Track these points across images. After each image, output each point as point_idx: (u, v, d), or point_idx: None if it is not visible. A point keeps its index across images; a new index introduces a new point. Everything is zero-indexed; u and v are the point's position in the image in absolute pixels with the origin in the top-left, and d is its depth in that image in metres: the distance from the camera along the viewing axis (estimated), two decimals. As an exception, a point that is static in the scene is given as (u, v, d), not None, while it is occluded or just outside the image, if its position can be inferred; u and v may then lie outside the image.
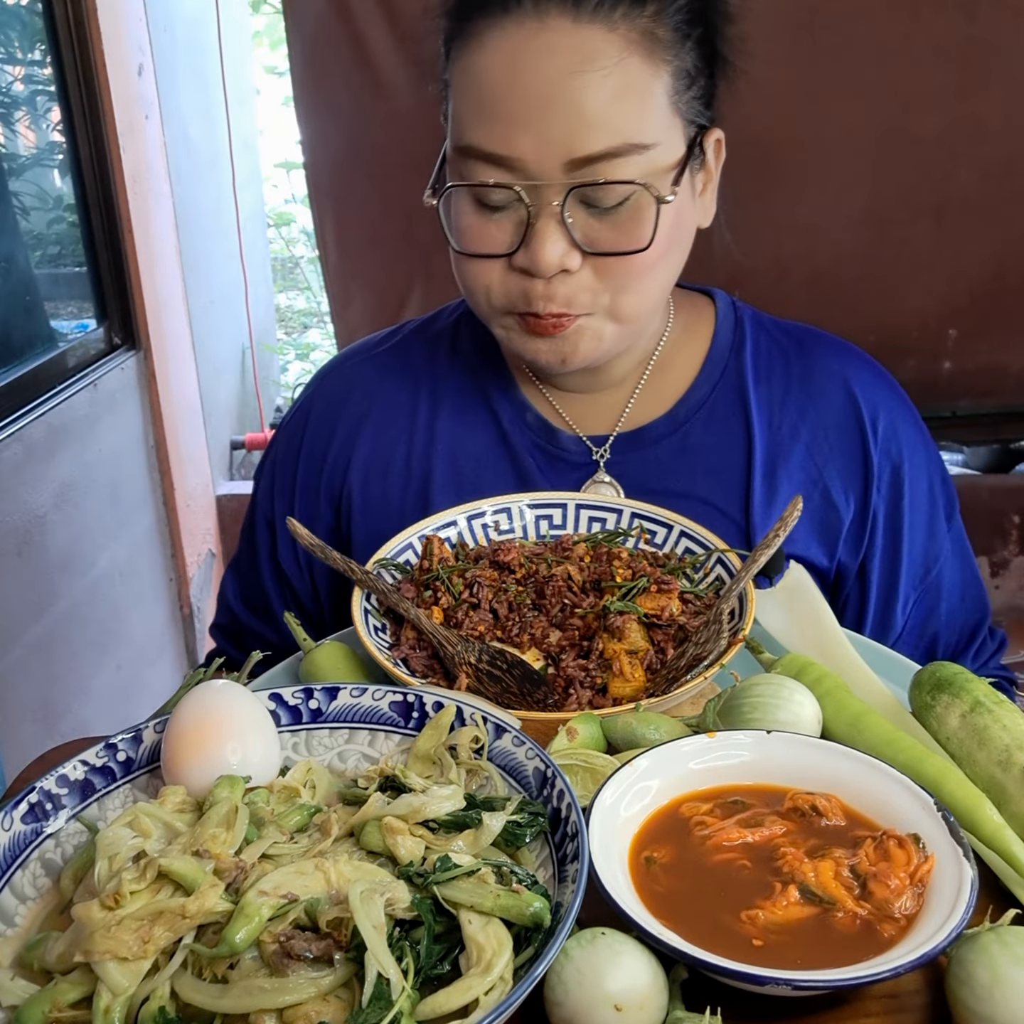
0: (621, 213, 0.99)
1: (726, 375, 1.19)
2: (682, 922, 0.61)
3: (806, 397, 1.18)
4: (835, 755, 0.73)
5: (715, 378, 1.19)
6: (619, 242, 1.00)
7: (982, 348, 2.42)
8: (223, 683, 0.77)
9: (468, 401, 1.21)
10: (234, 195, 3.57)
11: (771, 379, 1.19)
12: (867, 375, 1.20)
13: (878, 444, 1.17)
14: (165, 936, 0.58)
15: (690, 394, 1.18)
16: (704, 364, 1.19)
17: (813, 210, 2.25)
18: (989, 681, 0.81)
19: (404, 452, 1.20)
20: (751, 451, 1.16)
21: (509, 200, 0.99)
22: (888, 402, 1.19)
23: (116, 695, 2.80)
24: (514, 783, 0.72)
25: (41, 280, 2.81)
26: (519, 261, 1.01)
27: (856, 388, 1.18)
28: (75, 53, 2.66)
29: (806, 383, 1.19)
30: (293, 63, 2.33)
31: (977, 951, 0.58)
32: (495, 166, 0.98)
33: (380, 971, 0.55)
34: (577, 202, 0.98)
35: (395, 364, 1.25)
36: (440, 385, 1.22)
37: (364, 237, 2.44)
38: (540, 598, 0.99)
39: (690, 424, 1.17)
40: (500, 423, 1.20)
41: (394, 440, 1.21)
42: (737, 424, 1.17)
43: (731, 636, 0.92)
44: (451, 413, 1.21)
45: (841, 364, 1.20)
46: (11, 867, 0.68)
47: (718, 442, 1.17)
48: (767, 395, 1.18)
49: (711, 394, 1.18)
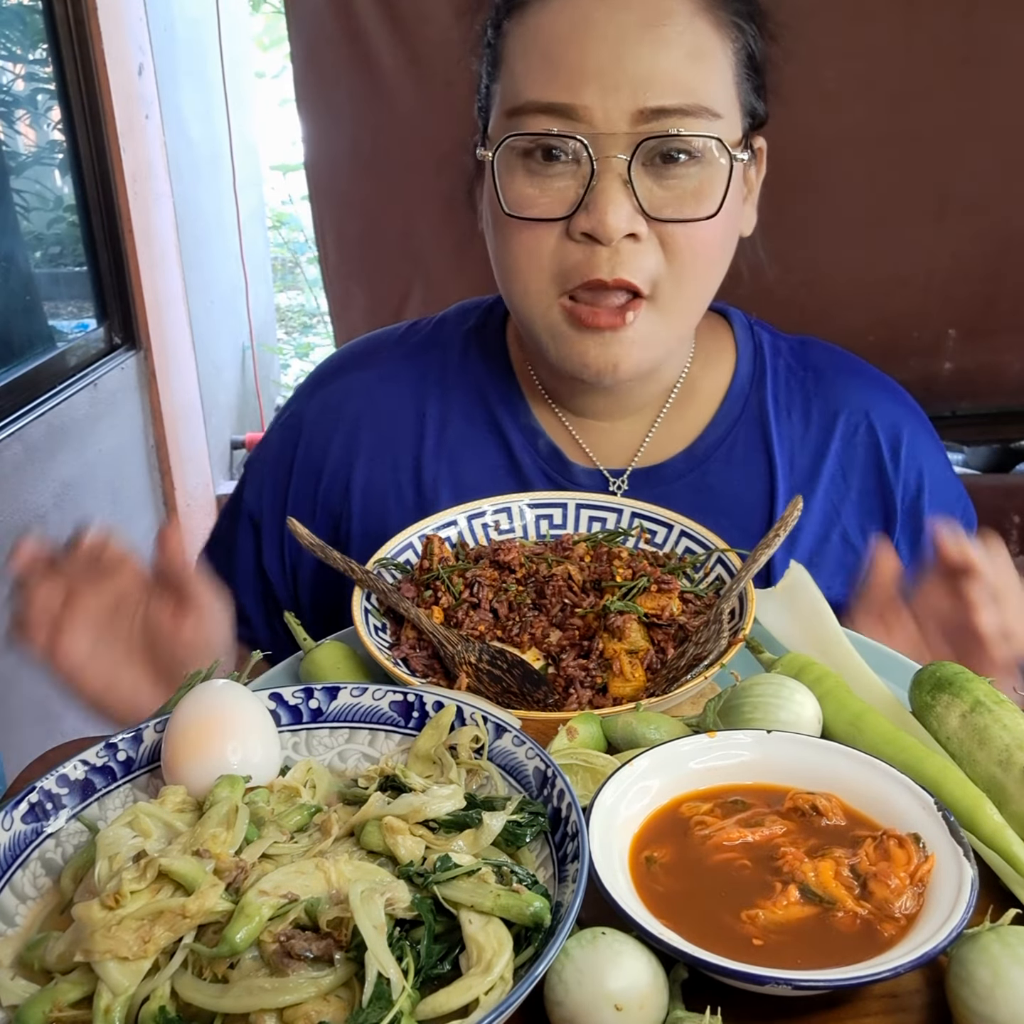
0: (686, 179, 0.95)
1: (747, 411, 1.15)
2: (682, 922, 0.61)
3: (825, 434, 1.15)
4: (835, 755, 0.72)
5: (735, 414, 1.15)
6: (686, 210, 0.95)
7: (982, 348, 2.42)
8: (223, 683, 0.77)
9: (476, 425, 1.16)
10: (235, 194, 3.57)
11: (791, 415, 1.15)
12: (887, 404, 1.17)
13: (899, 474, 1.14)
14: (165, 936, 0.58)
15: (710, 431, 1.15)
16: (725, 399, 1.16)
17: (811, 209, 2.26)
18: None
19: (408, 479, 1.15)
20: (772, 492, 1.13)
21: (566, 160, 0.94)
22: (908, 427, 1.16)
23: (116, 695, 2.79)
24: (514, 783, 0.72)
25: (41, 280, 2.81)
26: (581, 225, 0.94)
27: (876, 420, 1.15)
28: (75, 53, 2.67)
29: (824, 418, 1.15)
30: (294, 61, 2.33)
31: (978, 951, 0.58)
32: (556, 117, 0.92)
33: (380, 971, 0.55)
34: (641, 166, 0.93)
35: (401, 376, 1.18)
36: (447, 404, 1.16)
37: (364, 237, 2.44)
38: (540, 598, 0.99)
39: (709, 462, 1.14)
40: (511, 450, 1.15)
41: (396, 463, 1.16)
42: (757, 463, 1.14)
43: (731, 636, 0.92)
44: (458, 436, 1.15)
45: (860, 395, 1.16)
46: (11, 867, 0.68)
47: (737, 482, 1.13)
48: (788, 433, 1.15)
49: (731, 431, 1.15)
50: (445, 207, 2.21)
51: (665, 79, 0.92)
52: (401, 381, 1.18)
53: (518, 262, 1.00)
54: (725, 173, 0.96)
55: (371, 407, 1.18)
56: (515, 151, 0.97)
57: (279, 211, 5.56)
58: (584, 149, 0.93)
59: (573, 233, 0.96)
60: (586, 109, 0.92)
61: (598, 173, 0.93)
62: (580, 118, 0.93)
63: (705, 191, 0.96)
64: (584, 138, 0.92)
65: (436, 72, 2.24)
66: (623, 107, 0.92)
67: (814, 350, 1.21)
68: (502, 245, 1.01)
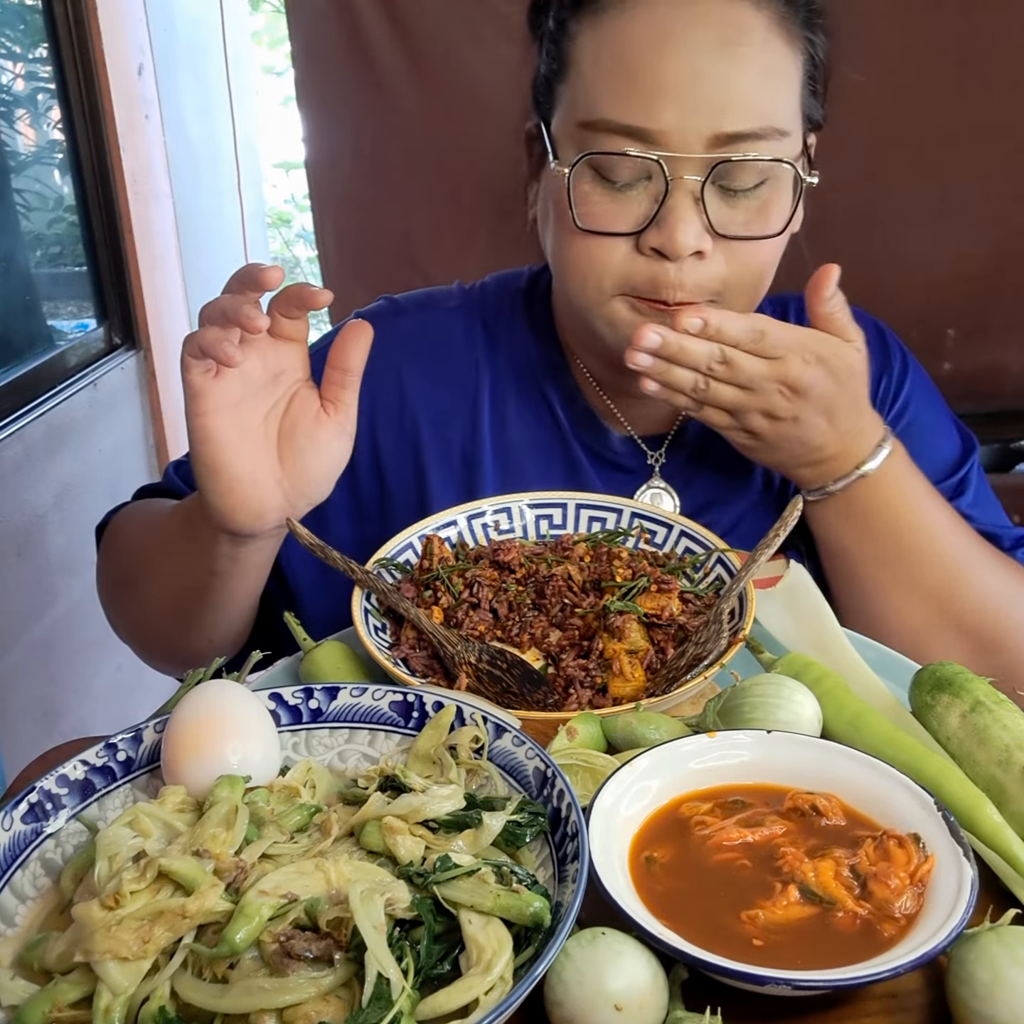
0: (753, 199, 0.97)
1: None
2: (682, 922, 0.61)
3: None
4: (835, 755, 0.72)
5: None
6: (752, 227, 0.98)
7: (982, 348, 2.41)
8: (223, 683, 0.77)
9: (524, 383, 1.18)
10: (239, 194, 3.57)
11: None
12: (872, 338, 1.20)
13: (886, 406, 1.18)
14: (165, 936, 0.58)
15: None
16: None
17: (808, 210, 2.26)
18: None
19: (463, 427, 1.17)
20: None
21: (639, 177, 0.96)
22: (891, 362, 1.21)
23: (116, 695, 2.80)
24: (514, 783, 0.72)
25: (41, 280, 2.81)
26: (651, 240, 0.96)
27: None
28: (75, 53, 2.67)
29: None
30: (295, 61, 2.33)
31: (977, 951, 0.58)
32: (632, 139, 0.94)
33: (380, 971, 0.55)
34: (711, 184, 0.95)
35: (457, 325, 1.21)
36: (497, 360, 1.19)
37: (364, 237, 2.44)
38: (540, 598, 0.99)
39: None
40: (552, 408, 1.18)
41: (453, 411, 1.18)
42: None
43: (731, 636, 0.92)
44: (507, 395, 1.18)
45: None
46: (11, 867, 0.68)
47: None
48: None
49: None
50: (445, 206, 2.21)
51: (740, 103, 0.93)
52: (457, 330, 1.21)
53: (583, 268, 1.02)
54: (791, 191, 0.99)
55: (432, 347, 1.20)
56: (585, 167, 0.98)
57: (280, 210, 5.56)
58: (660, 168, 0.94)
59: (643, 247, 0.98)
60: (663, 134, 0.94)
61: (671, 191, 0.95)
62: (656, 140, 0.94)
63: (773, 209, 0.99)
64: (660, 159, 0.94)
65: (436, 71, 2.24)
66: (699, 131, 0.93)
67: (792, 297, 1.24)
68: (567, 250, 1.03)
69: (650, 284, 0.98)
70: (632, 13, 0.95)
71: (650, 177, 0.96)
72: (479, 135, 1.42)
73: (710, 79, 0.92)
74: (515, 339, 1.20)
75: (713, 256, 0.98)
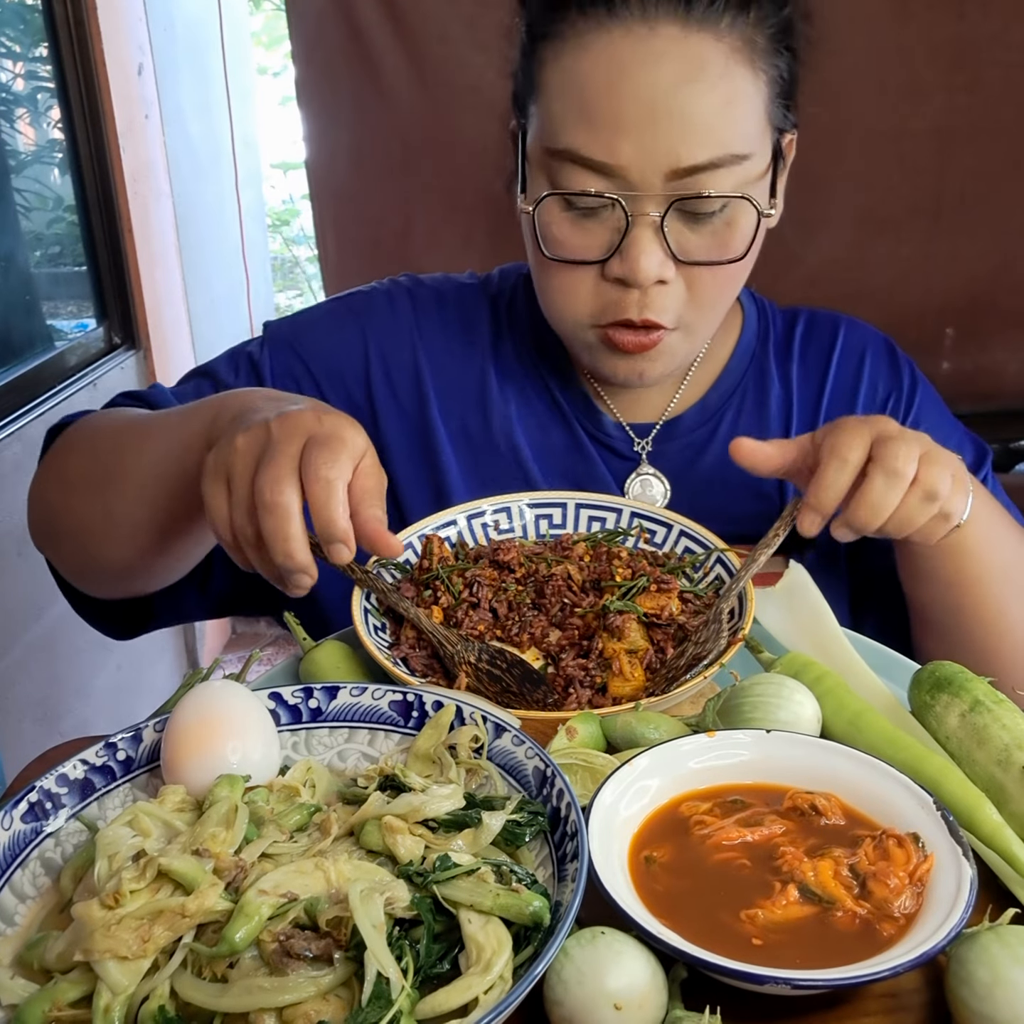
0: (715, 223, 0.99)
1: (754, 362, 1.22)
2: (682, 921, 0.61)
3: (824, 378, 1.22)
4: (835, 754, 0.73)
5: (744, 365, 1.22)
6: (713, 252, 1.00)
7: (980, 348, 2.42)
8: (223, 683, 0.77)
9: (525, 365, 1.21)
10: (236, 194, 3.57)
11: (799, 361, 1.22)
12: (883, 354, 1.24)
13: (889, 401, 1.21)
14: (165, 935, 0.58)
15: (721, 381, 1.21)
16: (733, 352, 1.22)
17: (806, 209, 2.26)
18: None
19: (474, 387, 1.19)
20: (786, 435, 1.19)
21: (603, 205, 0.98)
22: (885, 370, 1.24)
23: (116, 695, 2.80)
24: (514, 782, 0.72)
25: (41, 279, 2.81)
26: (614, 270, 1.00)
27: (868, 356, 1.23)
28: (75, 52, 2.67)
29: (827, 363, 1.22)
30: (295, 61, 2.33)
31: (977, 950, 0.58)
32: (594, 172, 0.97)
33: (380, 970, 0.55)
34: (673, 211, 0.97)
35: (473, 310, 1.23)
36: (501, 347, 1.21)
37: (364, 237, 2.44)
38: (540, 597, 0.99)
39: (723, 410, 1.20)
40: (552, 391, 1.20)
41: (464, 386, 1.19)
42: (767, 408, 1.20)
43: (731, 635, 0.92)
44: (514, 373, 1.20)
45: (859, 344, 1.23)
46: (11, 866, 0.68)
47: (750, 429, 1.19)
48: (794, 376, 1.22)
49: (741, 381, 1.21)
50: (445, 206, 2.20)
51: (697, 136, 0.94)
52: (470, 301, 1.23)
53: (557, 298, 1.06)
54: (753, 217, 1.00)
55: (448, 315, 1.22)
56: (553, 199, 1.01)
57: (279, 210, 5.56)
58: (620, 204, 0.97)
59: (607, 275, 1.01)
60: (623, 169, 0.96)
61: (632, 225, 0.97)
62: (616, 174, 0.96)
63: (734, 235, 1.00)
64: (620, 197, 0.97)
65: (437, 71, 2.24)
66: (657, 167, 0.95)
67: (803, 311, 1.28)
68: (542, 277, 1.07)
69: (615, 309, 1.02)
70: (592, 49, 0.95)
71: (614, 206, 0.98)
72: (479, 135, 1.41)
73: (667, 116, 0.94)
74: (517, 322, 1.22)
75: (676, 282, 1.01)
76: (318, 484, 0.80)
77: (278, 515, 0.79)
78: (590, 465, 1.18)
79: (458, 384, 1.20)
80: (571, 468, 1.18)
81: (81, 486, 1.06)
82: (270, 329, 1.23)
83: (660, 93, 0.93)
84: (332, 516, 0.81)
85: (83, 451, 1.09)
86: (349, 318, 1.21)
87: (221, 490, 0.83)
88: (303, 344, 1.19)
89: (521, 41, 1.05)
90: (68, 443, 1.12)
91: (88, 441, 1.09)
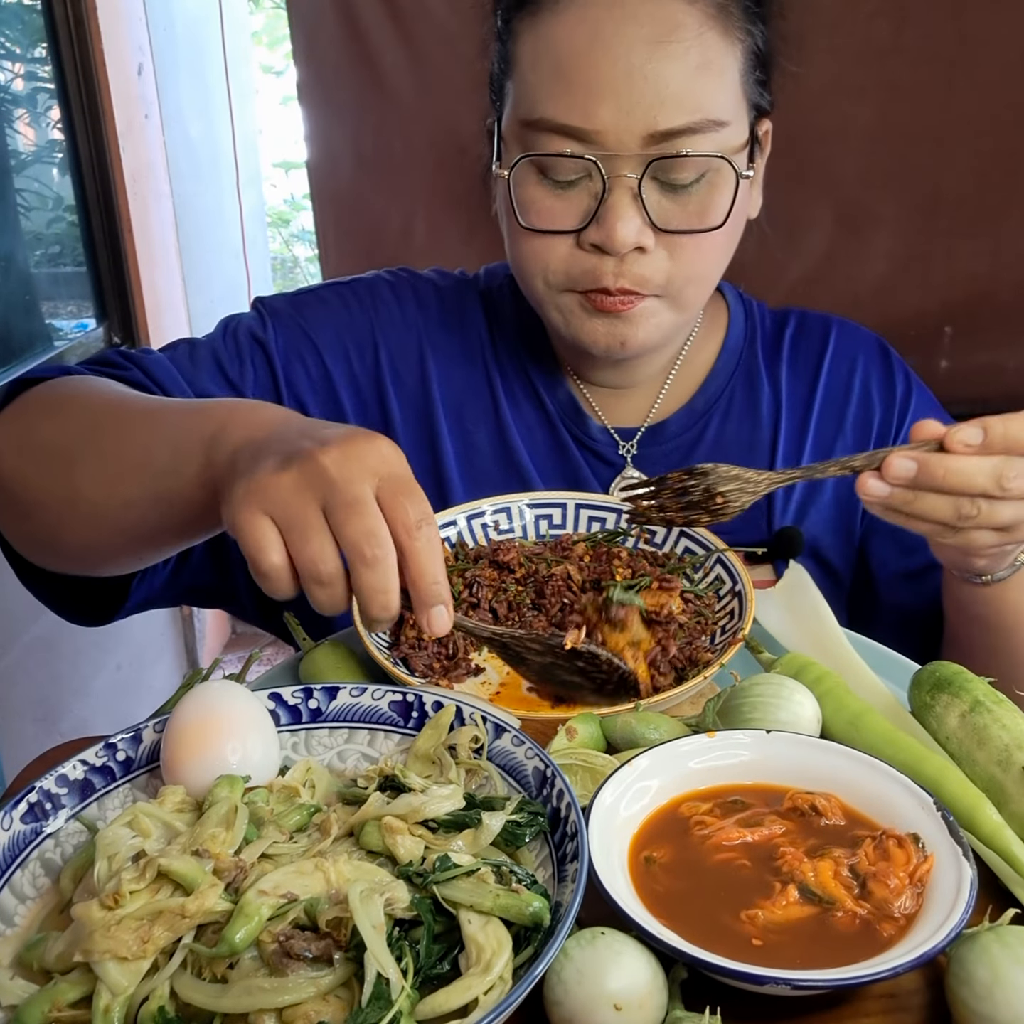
0: (694, 192, 0.98)
1: (741, 364, 1.21)
2: (682, 922, 0.61)
3: (813, 378, 1.21)
4: (835, 755, 0.72)
5: (731, 368, 1.20)
6: (693, 221, 0.99)
7: (979, 346, 2.41)
8: (223, 683, 0.77)
9: (514, 365, 1.20)
10: (237, 194, 3.57)
11: (788, 364, 1.21)
12: (868, 344, 1.23)
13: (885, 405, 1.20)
14: (165, 936, 0.58)
15: (707, 385, 1.20)
16: (720, 355, 1.21)
17: (804, 208, 2.26)
18: None
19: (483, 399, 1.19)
20: (774, 440, 1.18)
21: (580, 174, 0.97)
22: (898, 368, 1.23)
23: (116, 695, 2.79)
24: (513, 783, 0.72)
25: (41, 279, 2.80)
26: (591, 237, 0.99)
27: (860, 358, 1.21)
28: (75, 52, 2.66)
29: (819, 365, 1.21)
30: (296, 61, 2.34)
31: (977, 951, 0.58)
32: (570, 138, 0.96)
33: (380, 971, 0.55)
34: (651, 180, 0.97)
35: (468, 308, 1.22)
36: (494, 340, 1.21)
37: (365, 236, 2.44)
38: (540, 598, 0.99)
39: (709, 415, 1.19)
40: (539, 393, 1.19)
41: (467, 387, 1.19)
42: (755, 412, 1.20)
43: (731, 636, 0.92)
44: (506, 374, 1.20)
45: (852, 346, 1.22)
46: (11, 867, 0.68)
47: (738, 432, 1.19)
48: (783, 378, 1.21)
49: (728, 384, 1.20)
50: (446, 206, 2.20)
51: (674, 99, 0.94)
52: (465, 301, 1.23)
53: (528, 265, 1.04)
54: (732, 183, 0.99)
55: (447, 317, 1.22)
56: (529, 166, 1.00)
57: (279, 209, 5.56)
58: (597, 168, 0.96)
59: (583, 244, 1.00)
60: (599, 133, 0.95)
61: (609, 189, 0.96)
62: (593, 139, 0.96)
63: (713, 202, 0.99)
64: (597, 159, 0.96)
65: (437, 70, 2.24)
66: (634, 130, 0.95)
67: (793, 311, 1.27)
68: (515, 248, 1.05)
69: (591, 276, 1.00)
70: (566, 15, 0.96)
71: (590, 175, 0.97)
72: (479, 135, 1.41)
73: (642, 77, 0.94)
74: (505, 322, 1.21)
75: (656, 251, 1.00)
76: (419, 541, 0.73)
77: (379, 571, 0.72)
78: (575, 468, 1.18)
79: (462, 385, 1.19)
80: (557, 470, 1.18)
81: (44, 457, 0.94)
82: (268, 305, 1.19)
83: (635, 55, 0.94)
84: (439, 577, 0.74)
85: (54, 417, 0.96)
86: (356, 303, 1.20)
87: (268, 527, 0.73)
88: (309, 321, 1.17)
89: (496, 26, 1.05)
90: (39, 403, 0.99)
91: (63, 408, 0.97)
